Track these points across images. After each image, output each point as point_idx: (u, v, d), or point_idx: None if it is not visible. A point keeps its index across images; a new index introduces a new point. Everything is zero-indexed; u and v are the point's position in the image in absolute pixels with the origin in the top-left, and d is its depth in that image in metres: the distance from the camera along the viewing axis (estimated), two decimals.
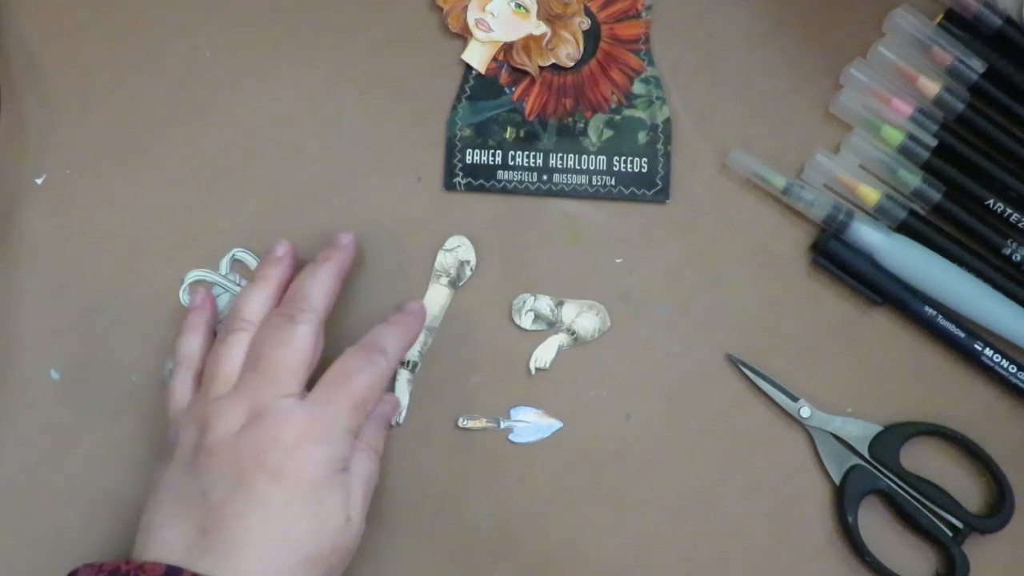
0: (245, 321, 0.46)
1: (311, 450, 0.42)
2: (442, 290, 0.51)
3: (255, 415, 0.43)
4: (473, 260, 0.51)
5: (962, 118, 0.52)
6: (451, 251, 0.51)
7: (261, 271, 0.48)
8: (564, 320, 0.50)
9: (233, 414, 0.43)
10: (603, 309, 0.51)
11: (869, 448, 0.49)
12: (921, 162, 0.52)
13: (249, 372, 0.44)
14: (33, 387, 0.50)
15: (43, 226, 0.52)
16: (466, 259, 0.50)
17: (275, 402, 0.43)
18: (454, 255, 0.50)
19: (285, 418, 0.43)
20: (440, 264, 0.51)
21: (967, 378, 0.51)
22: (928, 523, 0.49)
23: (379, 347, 0.46)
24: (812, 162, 0.51)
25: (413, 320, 0.49)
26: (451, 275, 0.50)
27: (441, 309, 0.51)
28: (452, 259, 0.50)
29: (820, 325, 0.51)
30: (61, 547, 0.49)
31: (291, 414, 0.43)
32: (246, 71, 0.53)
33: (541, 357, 0.50)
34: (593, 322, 0.50)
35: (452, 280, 0.50)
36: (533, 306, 0.50)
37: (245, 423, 0.43)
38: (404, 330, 0.48)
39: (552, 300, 0.50)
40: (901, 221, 0.51)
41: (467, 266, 0.51)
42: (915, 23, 0.52)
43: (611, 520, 0.50)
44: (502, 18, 0.54)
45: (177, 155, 0.53)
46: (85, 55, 0.53)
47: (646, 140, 0.53)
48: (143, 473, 0.49)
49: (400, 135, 0.53)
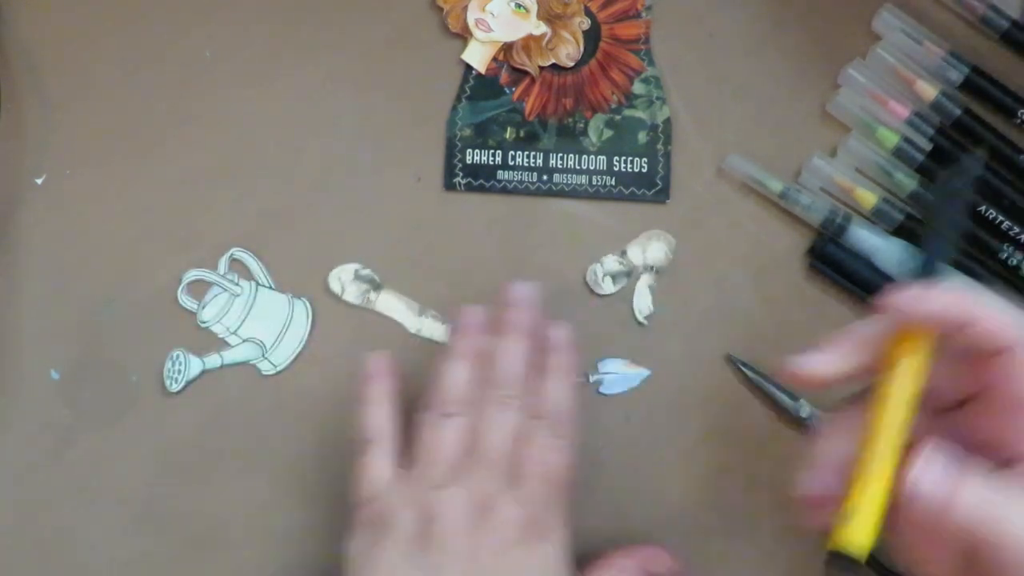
0: (458, 404, 0.45)
1: (543, 546, 0.42)
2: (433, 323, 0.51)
3: (485, 510, 0.42)
4: (375, 275, 0.51)
5: (958, 123, 0.52)
6: (354, 280, 0.50)
7: (457, 345, 0.47)
8: (636, 262, 0.50)
9: (461, 507, 0.42)
10: (658, 232, 0.51)
11: None
12: (915, 165, 0.52)
13: (470, 461, 0.43)
14: (33, 387, 0.50)
15: (43, 226, 0.52)
16: (371, 278, 0.50)
17: (501, 496, 0.42)
18: (357, 285, 0.50)
19: (516, 514, 0.42)
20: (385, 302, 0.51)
21: None
22: None
23: (564, 418, 0.45)
24: (809, 165, 0.52)
25: (568, 356, 0.47)
26: (367, 287, 0.50)
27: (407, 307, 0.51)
28: (357, 289, 0.50)
29: (819, 327, 0.51)
30: (61, 547, 0.49)
31: (519, 509, 0.42)
32: (246, 71, 0.53)
33: (642, 307, 0.50)
34: (661, 248, 0.50)
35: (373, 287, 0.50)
36: (605, 270, 0.50)
37: (476, 519, 0.41)
38: (568, 376, 0.46)
39: (615, 254, 0.50)
40: (898, 224, 0.51)
41: (360, 271, 0.51)
42: (903, 23, 0.53)
43: (611, 520, 0.50)
44: (502, 18, 0.54)
45: (177, 155, 0.53)
46: (85, 55, 0.53)
47: (646, 140, 0.53)
48: (143, 473, 0.50)
49: (400, 135, 0.53)
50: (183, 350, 0.51)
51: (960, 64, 0.52)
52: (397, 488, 0.43)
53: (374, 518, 0.43)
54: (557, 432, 0.44)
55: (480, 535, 0.41)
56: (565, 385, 0.46)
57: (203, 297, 0.51)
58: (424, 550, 0.41)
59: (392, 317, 0.51)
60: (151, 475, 0.50)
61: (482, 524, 0.41)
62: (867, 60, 0.53)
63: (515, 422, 0.44)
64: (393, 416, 0.46)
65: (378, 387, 0.46)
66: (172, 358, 0.51)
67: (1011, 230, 0.51)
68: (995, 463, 0.35)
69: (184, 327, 0.51)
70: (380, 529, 0.42)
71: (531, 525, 0.42)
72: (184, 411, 0.50)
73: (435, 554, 0.41)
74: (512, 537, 0.41)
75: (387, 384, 0.46)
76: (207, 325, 0.51)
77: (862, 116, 0.52)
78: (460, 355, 0.46)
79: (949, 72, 0.52)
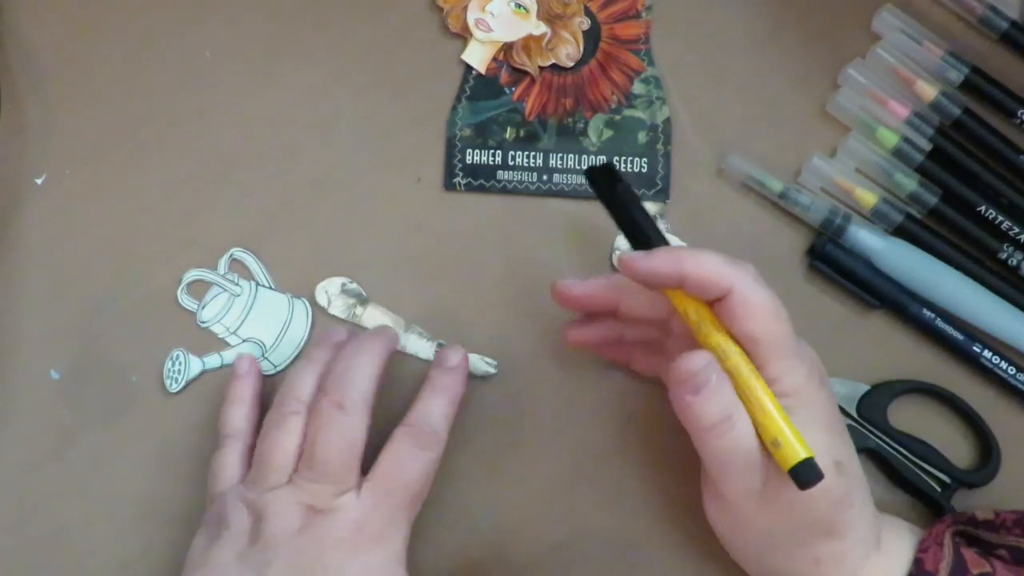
0: (298, 402, 0.45)
1: (372, 550, 0.42)
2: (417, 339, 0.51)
3: (314, 512, 0.42)
4: (362, 289, 0.51)
5: (958, 123, 0.52)
6: (340, 294, 0.50)
7: (313, 352, 0.47)
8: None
9: (291, 509, 0.42)
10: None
11: (857, 407, 0.50)
12: (915, 165, 0.52)
13: (305, 466, 0.43)
14: (33, 387, 0.50)
15: (43, 226, 0.52)
16: (358, 292, 0.50)
17: (334, 501, 0.43)
18: (343, 299, 0.50)
19: (345, 518, 0.42)
20: (324, 295, 0.51)
21: (966, 380, 0.51)
22: (917, 479, 0.49)
23: (429, 430, 0.45)
24: (809, 166, 0.52)
25: (455, 379, 0.47)
26: (352, 301, 0.50)
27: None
28: (344, 303, 0.50)
29: (818, 328, 0.51)
30: (61, 547, 0.49)
31: (350, 513, 0.43)
32: (246, 71, 0.53)
33: (623, 244, 0.51)
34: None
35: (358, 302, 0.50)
36: (616, 244, 0.51)
37: (304, 521, 0.42)
38: (449, 396, 0.46)
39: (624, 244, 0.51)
40: (898, 225, 0.51)
41: (347, 285, 0.51)
42: (902, 23, 0.53)
43: (611, 520, 0.50)
44: (502, 18, 0.54)
45: (177, 155, 0.53)
46: (85, 55, 0.53)
47: (646, 140, 0.53)
48: (143, 473, 0.50)
49: (400, 135, 0.53)
50: (183, 350, 0.51)
51: (960, 64, 0.52)
52: (237, 488, 0.45)
53: (215, 516, 0.44)
54: (419, 443, 0.44)
55: (306, 538, 0.42)
56: (442, 403, 0.46)
57: (203, 297, 0.51)
58: (252, 547, 0.42)
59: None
60: (151, 474, 0.50)
61: (310, 527, 0.42)
62: (867, 60, 0.53)
63: (351, 428, 0.43)
64: (252, 416, 0.48)
65: (241, 386, 0.48)
66: (172, 358, 0.51)
67: (1011, 230, 0.51)
68: None
69: (184, 327, 0.51)
70: (217, 528, 0.43)
71: (361, 529, 0.42)
72: (184, 411, 0.50)
73: (260, 551, 0.42)
74: (339, 538, 0.42)
75: (251, 384, 0.48)
76: (207, 325, 0.51)
77: (862, 116, 0.52)
78: (310, 360, 0.47)
79: (949, 72, 0.52)
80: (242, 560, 0.42)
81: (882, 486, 0.50)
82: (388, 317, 0.51)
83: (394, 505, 0.44)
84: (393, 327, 0.50)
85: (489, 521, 0.50)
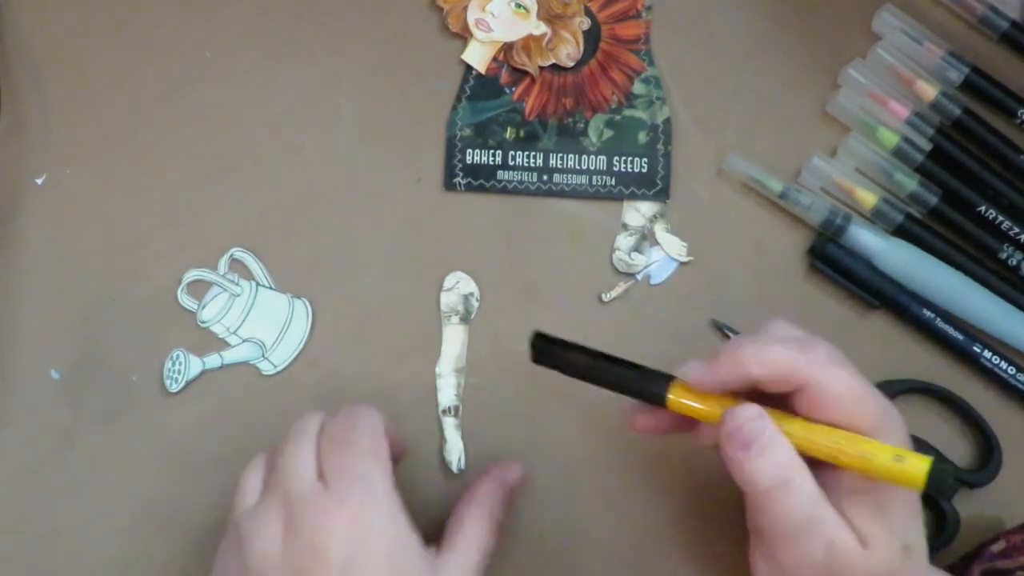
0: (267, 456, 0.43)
1: (371, 519, 0.39)
2: (456, 329, 0.51)
3: (291, 517, 0.39)
4: (476, 291, 0.50)
5: (958, 123, 0.52)
6: (451, 290, 0.50)
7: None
8: (638, 222, 0.51)
9: (268, 521, 0.40)
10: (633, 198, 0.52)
11: None
12: (915, 165, 0.52)
13: (272, 482, 0.41)
14: (33, 387, 0.50)
15: (43, 226, 0.52)
16: (468, 292, 0.50)
17: (305, 495, 0.40)
18: (456, 292, 0.50)
19: (325, 508, 0.39)
20: (446, 304, 0.50)
21: (966, 381, 0.51)
22: None
23: (350, 423, 0.42)
24: (809, 165, 0.52)
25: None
26: (460, 312, 0.50)
27: (463, 347, 0.51)
28: (455, 296, 0.50)
29: (818, 328, 0.51)
30: (61, 547, 0.49)
31: (329, 502, 0.39)
32: (246, 71, 0.53)
33: (679, 249, 0.51)
34: (643, 205, 0.50)
35: (463, 316, 0.50)
36: (625, 247, 0.50)
37: (284, 529, 0.39)
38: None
39: (620, 235, 0.51)
40: (898, 225, 0.51)
41: (472, 298, 0.50)
42: (903, 23, 0.53)
43: (611, 519, 0.50)
44: (502, 18, 0.54)
45: (177, 155, 0.53)
46: (85, 55, 0.53)
47: (646, 140, 0.53)
48: (143, 473, 0.50)
49: (400, 135, 0.53)
50: (183, 350, 0.51)
51: (960, 64, 0.52)
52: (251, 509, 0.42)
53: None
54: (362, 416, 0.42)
55: (295, 547, 0.39)
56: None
57: (203, 297, 0.51)
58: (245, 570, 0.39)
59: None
60: (151, 475, 0.50)
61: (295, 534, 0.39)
62: (867, 60, 0.53)
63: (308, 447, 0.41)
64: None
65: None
66: (172, 358, 0.51)
67: (1011, 230, 0.51)
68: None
69: (184, 327, 0.51)
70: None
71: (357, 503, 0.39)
72: (184, 411, 0.50)
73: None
74: (340, 527, 0.39)
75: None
76: (207, 325, 0.51)
77: (862, 116, 0.52)
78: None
79: (949, 72, 0.52)
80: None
81: None
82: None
83: (367, 471, 0.41)
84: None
85: None
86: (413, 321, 0.51)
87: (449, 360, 0.50)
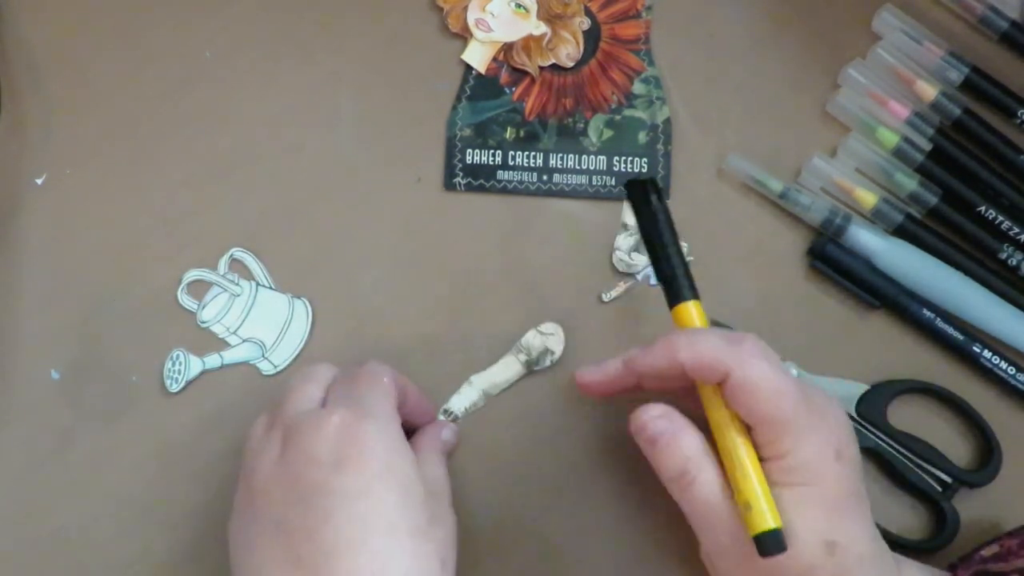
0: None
1: (363, 426, 0.41)
2: (517, 365, 0.50)
3: (288, 434, 0.41)
4: (558, 353, 0.50)
5: (958, 123, 0.52)
6: (544, 335, 0.50)
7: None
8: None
9: (268, 444, 0.42)
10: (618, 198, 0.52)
11: (856, 407, 0.50)
12: (915, 165, 0.52)
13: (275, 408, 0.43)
14: (33, 387, 0.50)
15: (43, 226, 0.52)
16: (552, 349, 0.50)
17: (301, 414, 0.42)
18: (543, 340, 0.50)
19: (318, 418, 0.41)
20: (526, 341, 0.50)
21: (966, 381, 0.51)
22: (917, 479, 0.49)
23: (361, 368, 0.45)
24: (809, 166, 0.52)
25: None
26: (531, 358, 0.50)
27: (507, 383, 0.50)
28: (540, 342, 0.50)
29: (818, 328, 0.51)
30: (61, 547, 0.49)
31: (322, 413, 0.41)
32: (246, 71, 0.53)
33: (623, 243, 0.51)
34: None
35: (528, 362, 0.50)
36: (625, 247, 0.50)
37: (281, 447, 0.41)
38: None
39: (619, 234, 0.51)
40: (898, 225, 0.51)
41: (549, 356, 0.50)
42: (903, 23, 0.53)
43: (611, 519, 0.50)
44: (502, 18, 0.54)
45: (177, 155, 0.53)
46: (85, 55, 0.53)
47: (646, 140, 0.53)
48: (143, 473, 0.50)
49: (400, 135, 0.53)
50: (183, 350, 0.51)
51: (960, 64, 0.52)
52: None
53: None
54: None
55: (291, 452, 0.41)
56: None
57: (203, 297, 0.51)
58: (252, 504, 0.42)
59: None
60: (151, 475, 0.50)
61: (292, 443, 0.41)
62: (867, 60, 0.53)
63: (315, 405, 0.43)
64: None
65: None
66: (172, 358, 0.51)
67: (1011, 230, 0.51)
68: None
69: (184, 327, 0.51)
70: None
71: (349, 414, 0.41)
72: (184, 411, 0.50)
73: (259, 500, 0.41)
74: (330, 434, 0.40)
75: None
76: (207, 325, 0.51)
77: (862, 116, 0.52)
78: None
79: (949, 72, 0.53)
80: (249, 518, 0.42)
81: (882, 486, 0.50)
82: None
83: (357, 388, 0.44)
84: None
85: (489, 521, 0.50)
86: (413, 321, 0.51)
87: (488, 379, 0.50)
